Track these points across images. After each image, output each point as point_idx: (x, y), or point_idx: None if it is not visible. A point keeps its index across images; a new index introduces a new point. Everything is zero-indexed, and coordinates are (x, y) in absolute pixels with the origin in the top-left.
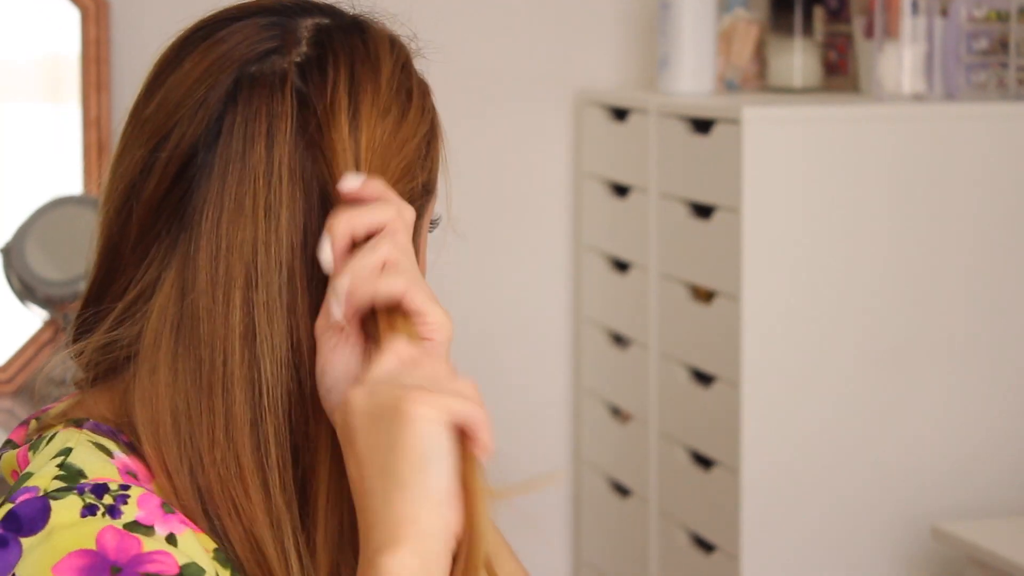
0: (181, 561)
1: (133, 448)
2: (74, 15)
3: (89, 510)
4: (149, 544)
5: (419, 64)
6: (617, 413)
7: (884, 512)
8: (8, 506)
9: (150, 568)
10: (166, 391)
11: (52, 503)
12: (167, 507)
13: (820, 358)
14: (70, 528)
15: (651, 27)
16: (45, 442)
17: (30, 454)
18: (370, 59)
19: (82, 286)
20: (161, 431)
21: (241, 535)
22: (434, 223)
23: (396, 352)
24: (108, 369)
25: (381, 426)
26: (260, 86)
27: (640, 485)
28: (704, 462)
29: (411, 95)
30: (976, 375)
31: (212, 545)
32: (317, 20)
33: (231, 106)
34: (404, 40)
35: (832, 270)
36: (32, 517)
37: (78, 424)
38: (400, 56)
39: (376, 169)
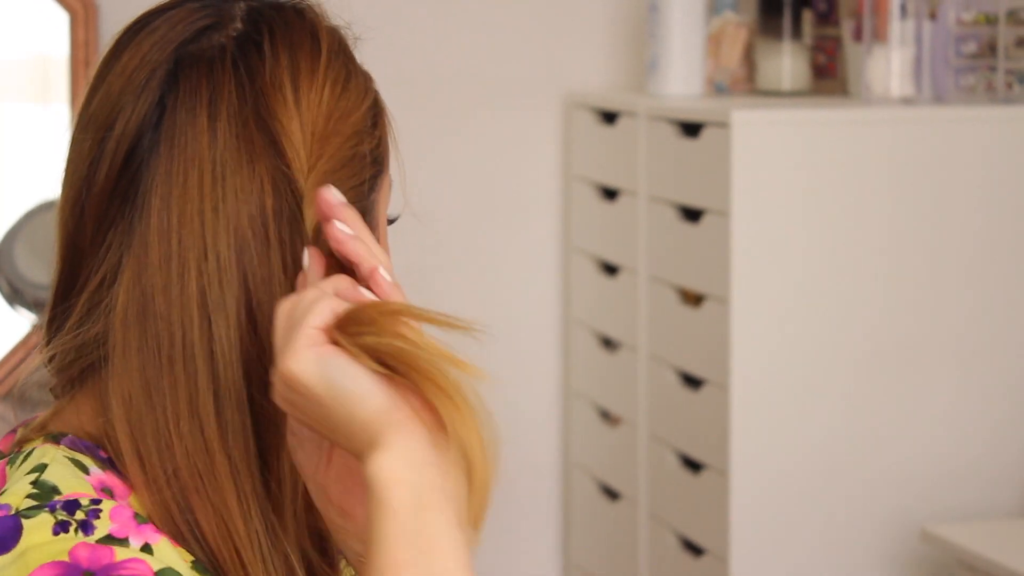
0: (156, 567)
1: (111, 463)
2: (63, 18)
3: (61, 527)
4: (122, 554)
5: (414, 64)
6: (607, 416)
7: (873, 515)
8: None
9: (123, 574)
10: (135, 374)
11: (24, 522)
12: (140, 518)
13: (809, 361)
14: (42, 546)
15: (640, 30)
16: (22, 458)
17: (8, 469)
18: (307, 32)
19: None
20: (133, 415)
21: (209, 513)
22: (392, 220)
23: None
24: (84, 369)
25: (293, 398)
26: (199, 62)
27: (630, 488)
28: (693, 465)
29: (350, 69)
30: (965, 379)
31: (190, 557)
32: (250, 3)
33: (171, 85)
34: (343, 29)
35: (821, 273)
36: (3, 537)
37: (56, 439)
38: (335, 34)
39: (321, 133)
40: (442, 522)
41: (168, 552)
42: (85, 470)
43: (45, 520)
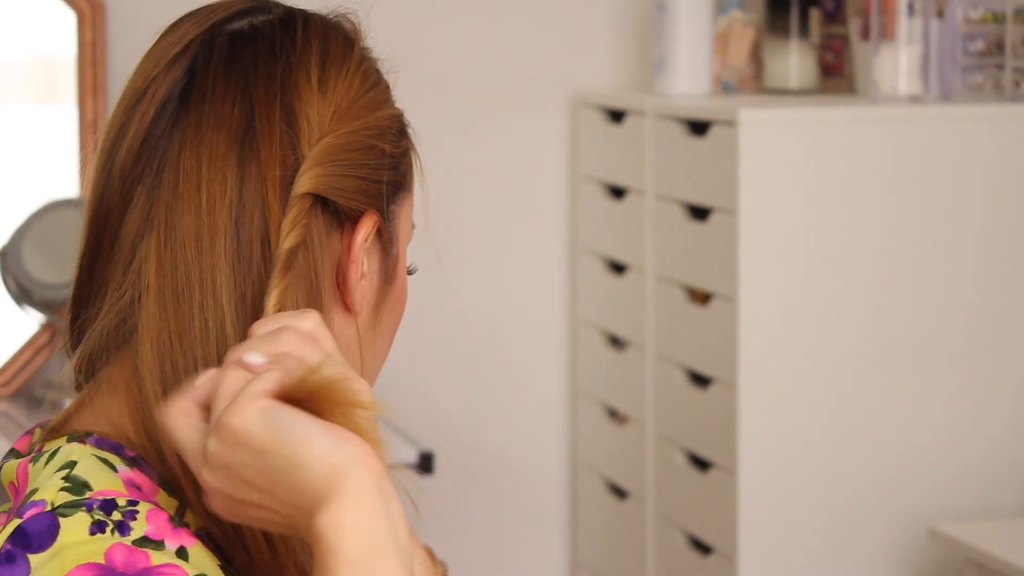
0: (192, 573)
1: (137, 462)
2: (70, 17)
3: (98, 527)
4: (158, 558)
5: (420, 64)
6: (614, 415)
7: (881, 513)
8: (16, 521)
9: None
10: (169, 320)
11: (61, 520)
12: (175, 520)
13: (817, 360)
14: (79, 546)
15: (647, 29)
16: (47, 457)
17: (30, 467)
18: (341, 31)
19: None
20: (164, 358)
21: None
22: (411, 271)
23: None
24: (118, 346)
25: (231, 457)
26: (234, 36)
27: (637, 487)
28: (701, 464)
29: (380, 75)
30: (974, 377)
31: (218, 560)
32: (287, 5)
33: (205, 53)
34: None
35: (829, 271)
36: (40, 533)
37: (81, 439)
38: (363, 48)
39: (342, 114)
40: (393, 570)
41: (202, 557)
42: (112, 467)
43: (82, 519)
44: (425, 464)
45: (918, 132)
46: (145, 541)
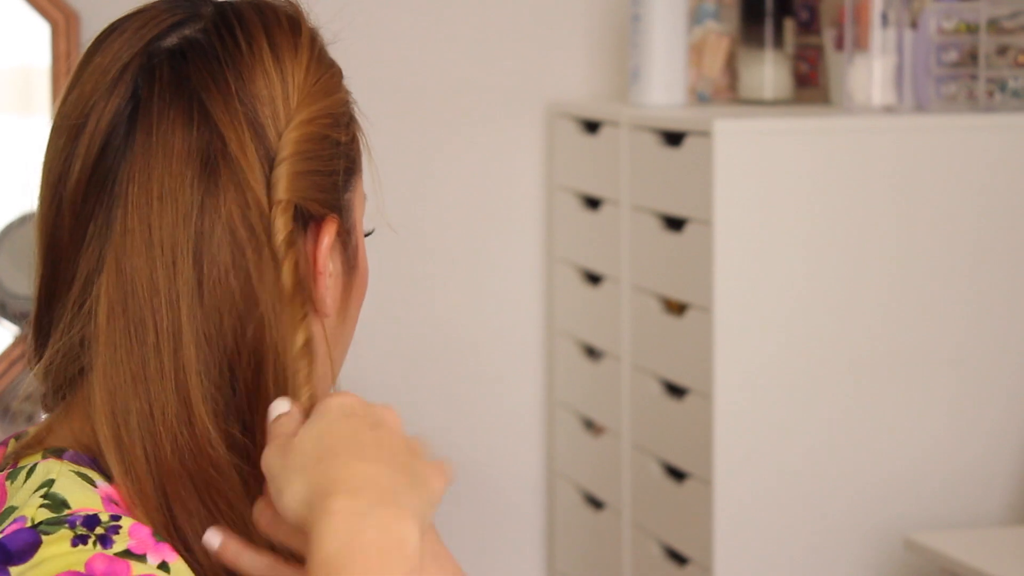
0: None
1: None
2: (44, 28)
3: (80, 540)
4: (139, 569)
5: (396, 74)
6: (590, 425)
7: (857, 523)
8: None
9: None
10: (122, 363)
11: (43, 536)
12: (158, 536)
13: (792, 370)
14: (60, 556)
15: (622, 39)
16: (24, 474)
17: (7, 484)
18: (281, 22)
19: None
20: (118, 404)
21: (194, 503)
22: (368, 233)
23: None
24: (75, 376)
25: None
26: (172, 54)
27: (613, 497)
28: (677, 475)
29: (328, 56)
30: (952, 387)
31: None
32: (219, 1)
33: (145, 77)
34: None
35: (804, 282)
36: (21, 549)
37: (57, 454)
38: (311, 28)
39: (301, 106)
40: None
41: (185, 572)
42: (92, 483)
43: (64, 534)
44: None
45: (892, 142)
46: (127, 554)
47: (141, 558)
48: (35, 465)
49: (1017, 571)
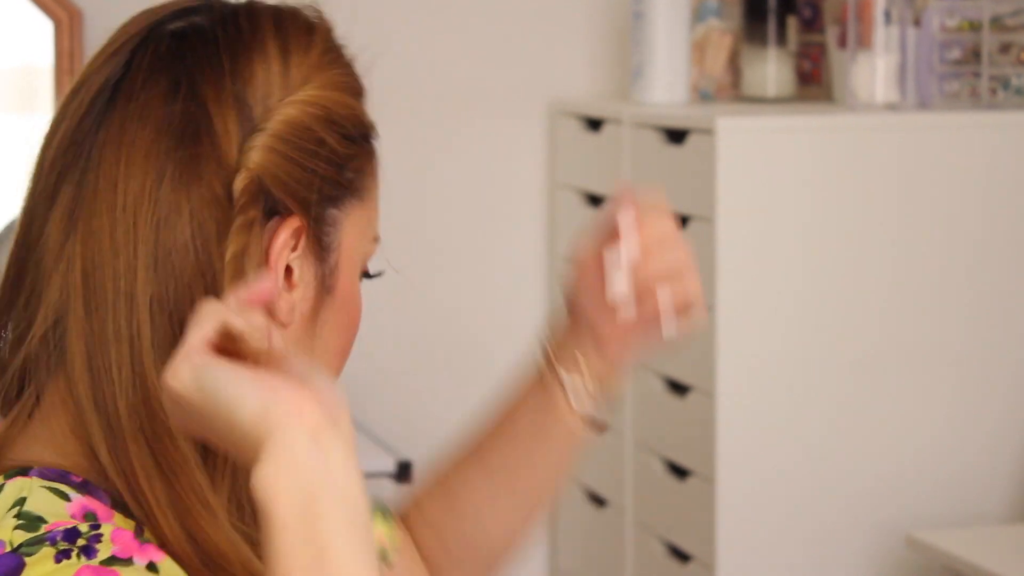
0: None
1: (86, 487)
2: (47, 27)
3: (63, 555)
4: (128, 573)
5: (398, 73)
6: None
7: (859, 521)
8: None
9: None
10: (90, 321)
11: (26, 558)
12: (142, 537)
13: (795, 368)
14: (48, 575)
15: (625, 37)
16: None
17: None
18: (297, 20)
19: None
20: (91, 364)
21: (159, 484)
22: (373, 275)
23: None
24: (49, 363)
25: (177, 413)
26: (175, 35)
27: (616, 495)
28: (680, 472)
29: (351, 68)
30: (952, 386)
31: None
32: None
33: (141, 51)
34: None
35: (807, 279)
36: (5, 574)
37: (23, 473)
38: (329, 30)
39: (301, 89)
40: (333, 525)
41: (173, 570)
42: (65, 497)
43: (46, 553)
44: (403, 473)
45: (895, 140)
46: (112, 560)
47: (127, 562)
48: (2, 485)
49: (1019, 569)
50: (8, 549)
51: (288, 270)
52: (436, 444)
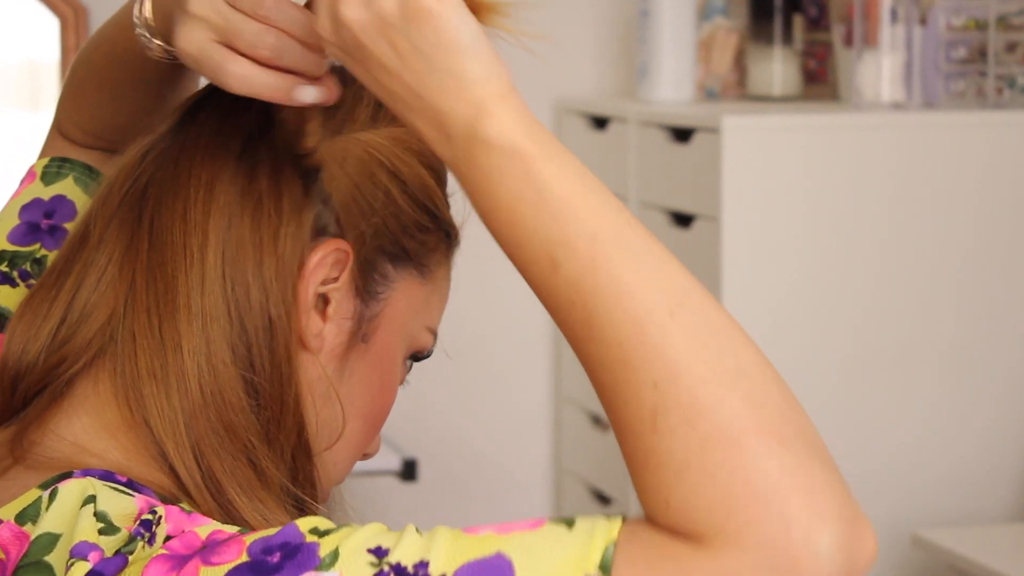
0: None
1: (132, 486)
2: (53, 23)
3: (149, 542)
4: (205, 530)
5: None
6: (598, 421)
7: None
8: (85, 565)
9: (220, 537)
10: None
11: (128, 556)
12: (185, 508)
13: (801, 366)
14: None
15: (630, 35)
16: (45, 505)
17: (24, 527)
18: None
19: None
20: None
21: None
22: (420, 358)
23: None
24: (81, 371)
25: (398, 32)
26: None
27: (621, 493)
28: None
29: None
30: (958, 382)
31: None
32: None
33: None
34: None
35: (812, 278)
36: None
37: (68, 477)
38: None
39: (390, 142)
40: (571, 162)
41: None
42: (129, 495)
43: (140, 544)
44: (408, 471)
45: (901, 139)
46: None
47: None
48: (55, 490)
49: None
50: (109, 554)
51: (326, 300)
52: (441, 442)
